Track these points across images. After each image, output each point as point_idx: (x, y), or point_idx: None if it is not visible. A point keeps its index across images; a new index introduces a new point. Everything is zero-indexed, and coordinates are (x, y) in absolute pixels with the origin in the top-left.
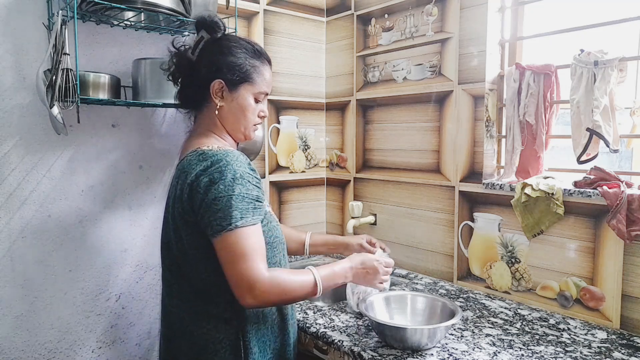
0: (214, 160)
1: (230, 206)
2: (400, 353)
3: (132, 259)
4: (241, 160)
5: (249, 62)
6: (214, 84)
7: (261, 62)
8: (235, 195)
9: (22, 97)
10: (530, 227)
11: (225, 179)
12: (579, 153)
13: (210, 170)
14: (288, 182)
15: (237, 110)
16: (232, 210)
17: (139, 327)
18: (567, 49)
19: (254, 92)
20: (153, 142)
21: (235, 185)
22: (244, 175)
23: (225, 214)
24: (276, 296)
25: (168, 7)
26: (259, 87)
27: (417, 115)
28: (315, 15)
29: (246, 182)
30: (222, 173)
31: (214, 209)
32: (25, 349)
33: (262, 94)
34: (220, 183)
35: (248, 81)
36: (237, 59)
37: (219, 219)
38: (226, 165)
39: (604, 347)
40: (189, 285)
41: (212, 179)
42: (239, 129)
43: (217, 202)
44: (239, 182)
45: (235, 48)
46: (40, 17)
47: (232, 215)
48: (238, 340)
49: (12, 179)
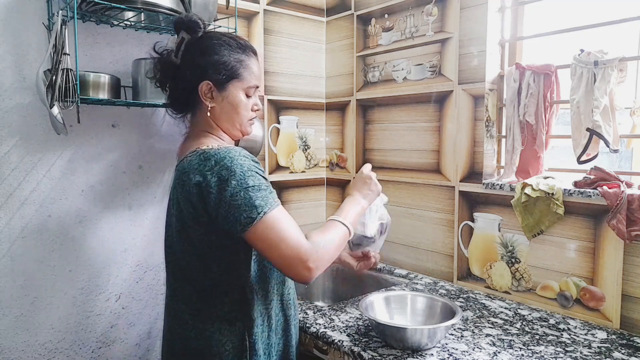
0: (217, 159)
1: (250, 197)
2: (400, 353)
3: (132, 259)
4: (244, 155)
5: (233, 58)
6: (201, 86)
7: (246, 55)
8: (251, 187)
9: (22, 97)
10: (530, 227)
11: (235, 174)
12: (579, 153)
13: (217, 169)
14: (288, 182)
15: (229, 109)
16: (254, 200)
17: (139, 327)
18: (567, 49)
19: (243, 88)
20: (153, 142)
21: (247, 178)
22: (251, 168)
23: (249, 206)
24: (328, 259)
25: (168, 7)
26: (247, 82)
27: (417, 115)
28: (315, 15)
29: (254, 174)
30: (229, 169)
31: (235, 205)
32: (25, 349)
33: (253, 87)
34: (231, 179)
35: (236, 78)
36: (221, 57)
37: (245, 212)
38: (231, 161)
39: (604, 347)
40: (193, 287)
41: (221, 177)
42: (235, 127)
43: (236, 198)
44: (248, 174)
45: (217, 46)
46: (40, 17)
47: (256, 205)
48: (243, 342)
49: (12, 179)
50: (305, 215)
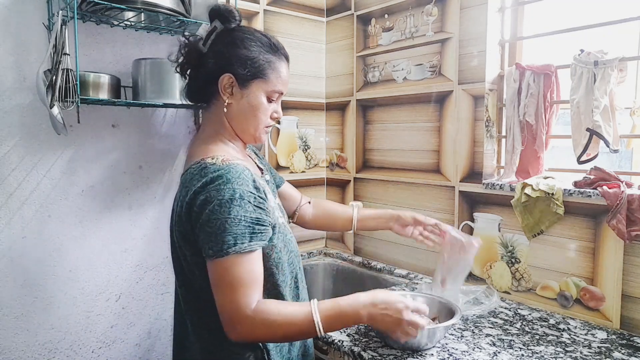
0: (213, 177)
1: (224, 230)
2: (400, 353)
3: (132, 259)
4: (244, 178)
5: (263, 57)
6: (222, 78)
7: (277, 57)
8: (232, 218)
9: (22, 98)
10: (530, 227)
11: (222, 198)
12: (579, 153)
13: (208, 188)
14: (288, 182)
15: (247, 109)
16: (226, 234)
17: (139, 327)
18: (567, 49)
19: (266, 90)
20: (153, 142)
21: (232, 207)
22: (243, 195)
23: (218, 238)
24: (261, 337)
25: (168, 7)
26: (272, 85)
27: (417, 116)
28: (315, 15)
29: (245, 203)
30: (219, 191)
31: (207, 231)
32: (25, 349)
33: (277, 93)
34: (215, 203)
35: (261, 77)
36: (250, 52)
37: (211, 242)
38: (225, 183)
39: (604, 347)
40: (205, 301)
41: (208, 197)
42: (248, 130)
43: (211, 224)
44: (237, 202)
45: (248, 40)
46: (40, 17)
47: (225, 240)
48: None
49: (12, 179)
50: None
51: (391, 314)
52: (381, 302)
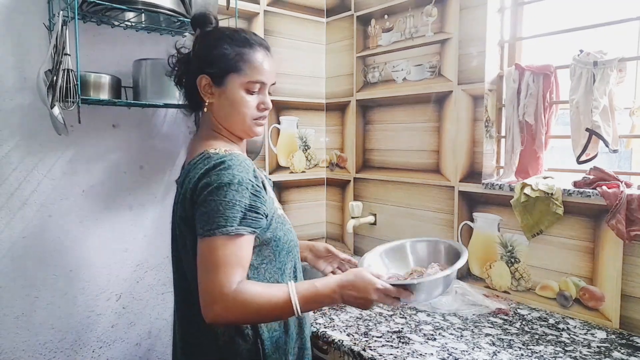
0: (216, 163)
1: (217, 211)
2: (400, 352)
3: (132, 258)
4: (244, 166)
5: (233, 51)
6: (200, 80)
7: (250, 48)
8: (227, 201)
9: (23, 98)
10: (529, 227)
11: (221, 182)
12: (579, 153)
13: (210, 173)
14: (288, 182)
15: (227, 106)
16: (218, 216)
17: (139, 327)
18: (566, 49)
19: (242, 83)
20: (154, 142)
21: (229, 191)
22: (242, 182)
23: (210, 218)
24: (239, 316)
25: (168, 7)
26: (248, 77)
27: (416, 116)
28: (315, 16)
29: (243, 189)
30: (219, 176)
31: (202, 211)
32: (25, 348)
33: (255, 83)
34: (214, 186)
35: (234, 71)
36: (220, 50)
37: (203, 222)
38: (226, 169)
39: (604, 347)
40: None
41: (208, 181)
42: (237, 125)
43: (207, 204)
44: (234, 187)
45: (218, 39)
46: (41, 17)
47: (216, 220)
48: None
49: (12, 179)
50: (305, 215)
51: (358, 295)
52: (348, 283)
